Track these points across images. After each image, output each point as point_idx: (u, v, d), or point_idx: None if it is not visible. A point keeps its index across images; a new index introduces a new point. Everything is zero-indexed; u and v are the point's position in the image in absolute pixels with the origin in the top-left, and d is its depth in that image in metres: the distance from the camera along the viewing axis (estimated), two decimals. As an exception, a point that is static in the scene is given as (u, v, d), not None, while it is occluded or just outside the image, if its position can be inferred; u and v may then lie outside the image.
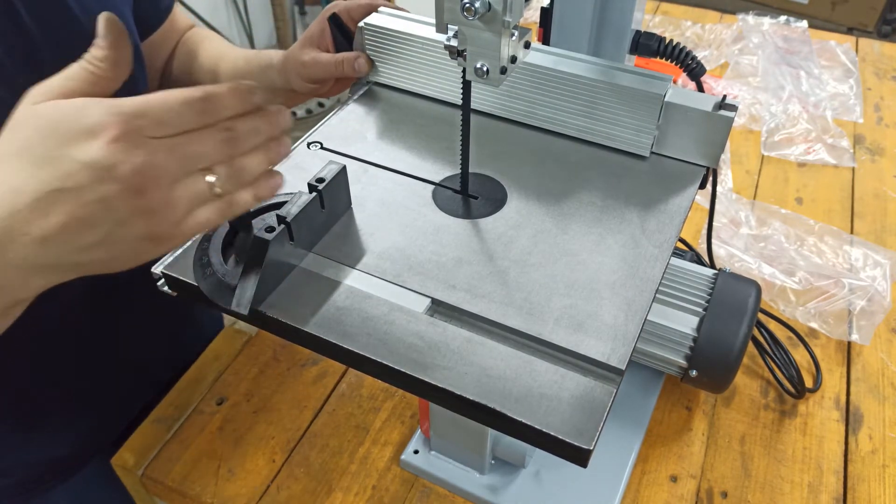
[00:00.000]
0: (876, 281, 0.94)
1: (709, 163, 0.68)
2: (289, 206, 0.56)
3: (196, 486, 0.76)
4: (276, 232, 0.53)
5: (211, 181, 0.41)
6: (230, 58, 0.88)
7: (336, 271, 0.58)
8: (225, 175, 0.42)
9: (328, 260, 0.59)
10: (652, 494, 0.75)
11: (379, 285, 0.57)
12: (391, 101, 0.77)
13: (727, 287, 0.74)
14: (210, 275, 0.55)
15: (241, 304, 0.53)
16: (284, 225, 0.55)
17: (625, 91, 0.66)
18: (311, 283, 0.57)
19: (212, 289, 0.54)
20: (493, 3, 0.51)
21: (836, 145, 1.21)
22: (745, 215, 1.04)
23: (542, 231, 0.61)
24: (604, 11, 0.69)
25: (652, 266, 0.58)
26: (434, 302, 0.55)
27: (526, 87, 0.70)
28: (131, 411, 0.90)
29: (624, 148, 0.69)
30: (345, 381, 0.86)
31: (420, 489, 0.76)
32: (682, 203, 0.64)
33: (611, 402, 0.49)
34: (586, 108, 0.69)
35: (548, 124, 0.72)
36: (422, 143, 0.71)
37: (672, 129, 0.67)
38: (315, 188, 0.58)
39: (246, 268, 0.53)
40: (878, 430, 0.81)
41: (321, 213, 0.59)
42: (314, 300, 0.55)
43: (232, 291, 0.54)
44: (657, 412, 0.82)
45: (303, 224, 0.57)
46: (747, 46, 1.41)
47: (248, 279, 0.53)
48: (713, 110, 0.65)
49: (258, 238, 0.53)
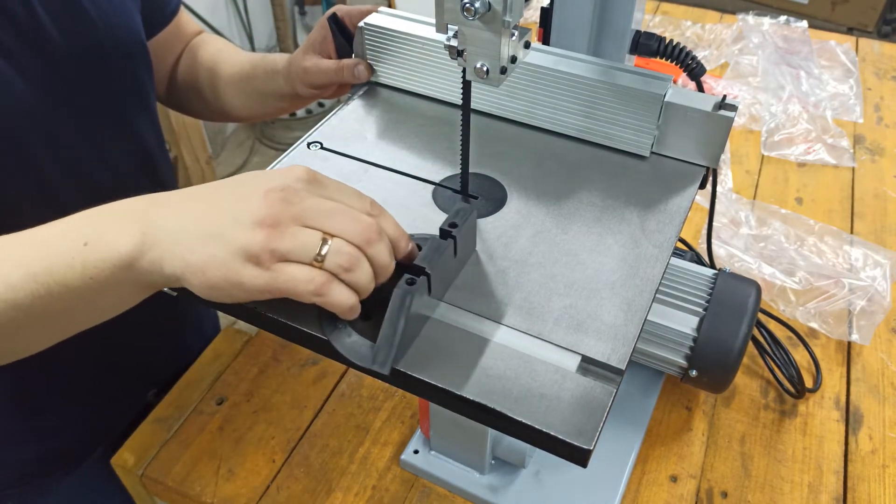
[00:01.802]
0: (876, 281, 0.94)
1: (709, 163, 0.68)
2: (428, 254, 0.51)
3: (196, 486, 0.76)
4: (417, 284, 0.49)
5: (320, 244, 0.45)
6: (235, 60, 0.88)
7: (468, 320, 0.54)
8: (334, 251, 0.45)
9: (461, 310, 0.55)
10: (652, 494, 0.75)
11: (529, 343, 0.52)
12: (391, 101, 0.77)
13: (727, 287, 0.74)
14: (342, 328, 0.51)
15: (384, 364, 0.48)
16: (425, 276, 0.50)
17: (625, 91, 0.66)
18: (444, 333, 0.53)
19: (344, 344, 0.50)
20: (493, 3, 0.51)
21: (836, 145, 1.21)
22: (745, 215, 1.04)
23: (542, 231, 0.61)
24: (604, 11, 0.69)
25: (652, 266, 0.58)
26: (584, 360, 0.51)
27: (526, 86, 0.70)
28: (131, 410, 0.90)
29: (624, 148, 0.69)
30: (345, 381, 0.86)
31: (420, 489, 0.76)
32: (682, 203, 0.64)
33: (611, 402, 0.49)
34: (586, 108, 0.69)
35: (547, 124, 0.72)
36: (422, 143, 0.71)
37: (672, 129, 0.67)
38: (448, 234, 0.53)
39: (386, 322, 0.48)
40: (878, 430, 0.81)
41: (454, 260, 0.55)
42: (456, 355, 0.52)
43: (365, 347, 0.49)
44: (657, 412, 0.82)
45: (438, 273, 0.52)
46: (747, 46, 1.41)
47: (390, 335, 0.48)
48: (713, 110, 0.65)
49: (400, 291, 0.48)
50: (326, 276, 0.45)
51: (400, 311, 0.48)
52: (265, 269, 0.44)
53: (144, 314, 0.88)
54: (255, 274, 0.44)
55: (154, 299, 0.53)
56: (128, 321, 0.85)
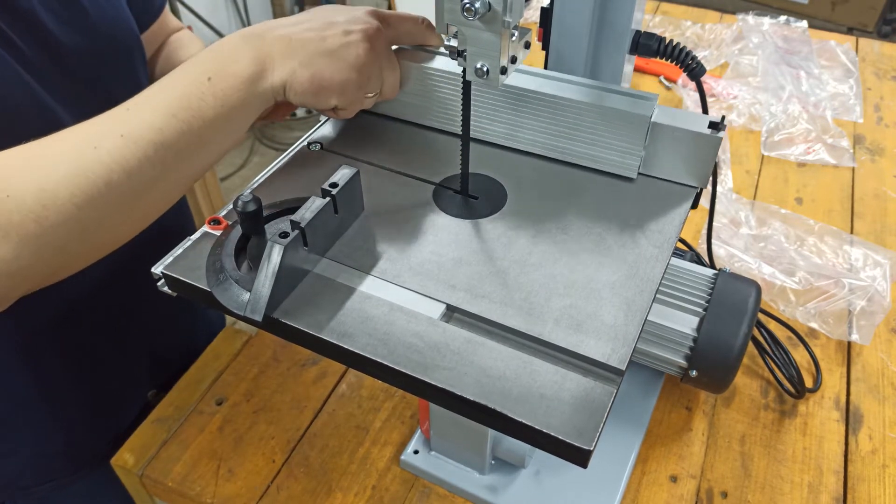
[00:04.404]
0: (876, 281, 0.94)
1: (698, 183, 0.66)
2: (302, 212, 0.55)
3: (196, 486, 0.76)
4: (289, 238, 0.53)
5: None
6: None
7: (350, 276, 0.58)
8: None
9: (341, 265, 0.58)
10: (652, 494, 0.75)
11: (394, 291, 0.56)
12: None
13: (727, 287, 0.74)
14: (223, 280, 0.55)
15: (256, 311, 0.52)
16: (298, 230, 0.54)
17: (610, 113, 0.64)
18: (325, 288, 0.57)
19: (225, 295, 0.54)
20: (494, 3, 0.51)
21: (836, 145, 1.21)
22: (745, 215, 1.04)
23: (542, 231, 0.61)
24: (604, 11, 0.69)
25: (652, 266, 0.58)
26: (448, 308, 0.55)
27: (506, 110, 0.68)
28: (131, 410, 0.90)
29: (610, 170, 0.67)
30: (345, 381, 0.86)
31: (420, 489, 0.76)
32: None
33: (611, 402, 0.49)
34: (571, 131, 0.66)
35: (528, 146, 0.69)
36: (422, 143, 0.71)
37: (660, 149, 0.65)
38: (328, 193, 0.57)
39: (259, 273, 0.53)
40: (878, 430, 0.81)
41: (334, 218, 0.59)
42: (328, 306, 0.55)
43: (245, 297, 0.53)
44: (657, 412, 0.82)
45: (317, 229, 0.56)
46: (747, 46, 1.41)
47: (262, 285, 0.52)
48: (702, 130, 0.62)
49: (272, 243, 0.52)
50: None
51: (269, 262, 0.52)
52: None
53: (147, 314, 0.88)
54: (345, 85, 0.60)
55: (158, 300, 0.53)
56: (130, 321, 0.87)
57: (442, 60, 0.69)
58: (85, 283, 0.76)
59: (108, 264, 0.78)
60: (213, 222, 0.61)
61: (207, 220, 0.61)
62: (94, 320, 0.80)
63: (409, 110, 0.73)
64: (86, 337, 0.81)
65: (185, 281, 0.57)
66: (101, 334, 0.83)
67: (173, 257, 0.58)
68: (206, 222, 0.61)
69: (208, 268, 0.56)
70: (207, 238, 0.60)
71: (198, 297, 0.57)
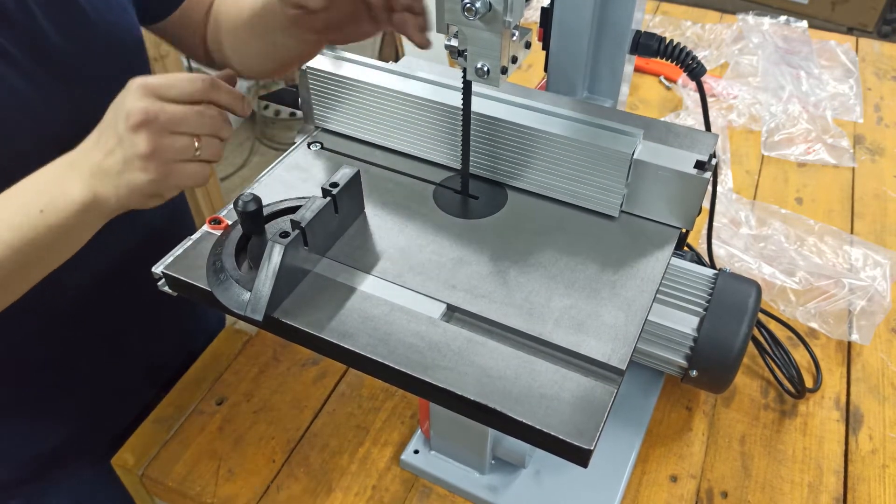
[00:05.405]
0: (876, 281, 0.94)
1: (683, 224, 0.62)
2: (303, 212, 0.55)
3: (196, 487, 0.76)
4: (290, 238, 0.53)
5: (196, 145, 0.55)
6: (232, 12, 0.81)
7: (350, 276, 0.57)
8: (205, 144, 0.56)
9: (342, 265, 0.58)
10: (652, 494, 0.75)
11: (394, 291, 0.56)
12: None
13: (727, 287, 0.74)
14: (224, 280, 0.55)
15: (256, 311, 0.52)
16: (299, 230, 0.54)
17: (590, 148, 0.61)
18: (325, 288, 0.56)
19: (226, 294, 0.54)
20: (494, 3, 0.51)
21: (836, 145, 1.21)
22: (745, 215, 1.04)
23: (542, 231, 0.61)
24: (604, 11, 0.69)
25: (652, 266, 0.58)
26: (449, 308, 0.55)
27: (484, 141, 0.65)
28: (131, 410, 0.90)
29: (591, 207, 0.64)
30: (345, 381, 0.86)
31: (420, 489, 0.76)
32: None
33: (611, 402, 0.49)
34: (551, 165, 0.63)
35: (507, 179, 0.66)
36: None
37: (643, 187, 0.61)
38: (329, 193, 0.57)
39: (260, 273, 0.53)
40: (878, 430, 0.81)
41: (335, 217, 0.59)
42: (329, 306, 0.55)
43: (246, 297, 0.53)
44: (657, 412, 0.82)
45: (317, 229, 0.56)
46: (747, 46, 1.41)
47: (263, 285, 0.52)
48: (687, 170, 0.59)
49: (272, 243, 0.52)
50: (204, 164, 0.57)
51: (270, 262, 0.52)
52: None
53: (148, 315, 0.88)
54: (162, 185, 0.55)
55: (158, 299, 0.53)
56: (131, 322, 0.87)
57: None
58: (86, 282, 0.76)
59: (109, 265, 0.78)
60: (214, 222, 0.61)
61: (208, 220, 0.61)
62: (95, 320, 0.80)
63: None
64: (86, 337, 0.81)
65: (185, 280, 0.57)
66: (102, 334, 0.83)
67: (174, 257, 0.58)
68: (206, 222, 0.61)
69: (209, 267, 0.56)
70: (208, 238, 0.60)
71: (198, 297, 0.57)
